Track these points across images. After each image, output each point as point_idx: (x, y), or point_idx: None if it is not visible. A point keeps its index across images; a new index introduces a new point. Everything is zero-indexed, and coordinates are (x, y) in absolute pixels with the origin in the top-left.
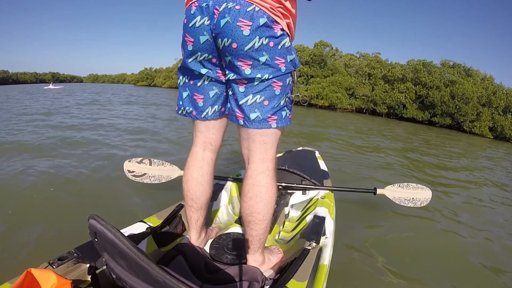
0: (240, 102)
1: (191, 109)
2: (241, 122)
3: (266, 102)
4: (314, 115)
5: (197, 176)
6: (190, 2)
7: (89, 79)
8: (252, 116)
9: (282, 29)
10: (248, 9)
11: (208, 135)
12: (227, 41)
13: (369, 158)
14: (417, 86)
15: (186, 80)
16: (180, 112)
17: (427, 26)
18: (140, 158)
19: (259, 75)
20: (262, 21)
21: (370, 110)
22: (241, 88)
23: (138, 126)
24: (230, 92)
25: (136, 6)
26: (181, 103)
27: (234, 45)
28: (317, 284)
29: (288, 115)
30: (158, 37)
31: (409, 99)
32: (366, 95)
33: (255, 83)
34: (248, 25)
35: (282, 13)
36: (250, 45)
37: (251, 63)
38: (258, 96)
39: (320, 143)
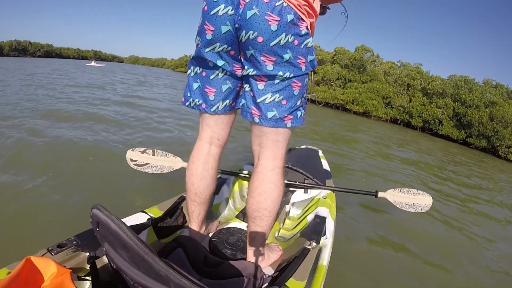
0: (258, 100)
1: (200, 101)
2: (257, 119)
3: (284, 102)
4: (347, 119)
5: (202, 171)
6: None
7: (130, 60)
8: (269, 114)
9: (307, 28)
10: (276, 4)
11: (216, 129)
12: (252, 34)
13: (393, 167)
14: (456, 103)
15: (198, 71)
16: (187, 104)
17: (473, 42)
18: (143, 148)
19: (280, 73)
20: (289, 17)
21: (405, 121)
22: (260, 86)
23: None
24: (247, 89)
25: None
26: (189, 94)
27: (260, 39)
28: (315, 284)
29: (302, 115)
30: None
31: (446, 116)
32: (403, 106)
33: (276, 81)
34: (276, 20)
35: (307, 12)
36: (276, 41)
37: (274, 59)
38: (277, 95)
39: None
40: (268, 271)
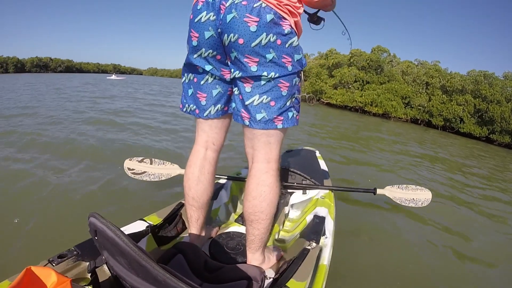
0: (247, 103)
1: (194, 107)
2: (247, 122)
3: (272, 103)
4: (366, 121)
5: (198, 175)
6: None
7: (149, 72)
8: (258, 116)
9: (290, 26)
10: (255, 5)
11: (210, 134)
12: (233, 36)
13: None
14: (477, 99)
15: (191, 78)
16: (184, 109)
17: (492, 35)
18: (141, 158)
19: (265, 73)
20: (269, 17)
21: (426, 121)
22: (248, 88)
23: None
24: (236, 92)
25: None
26: (185, 100)
27: (241, 41)
28: (316, 284)
29: (295, 116)
30: None
31: (467, 113)
32: (422, 105)
33: (262, 82)
34: (255, 21)
35: (290, 11)
36: (257, 41)
37: (257, 60)
38: (265, 96)
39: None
40: (269, 273)
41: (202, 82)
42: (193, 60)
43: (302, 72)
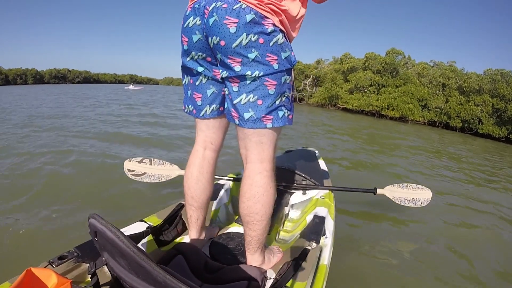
0: (234, 102)
1: (192, 107)
2: (237, 121)
3: (259, 102)
4: (383, 125)
5: (197, 174)
6: (187, 5)
7: (165, 81)
8: (246, 115)
9: (274, 25)
10: (234, 7)
11: (208, 134)
12: (216, 39)
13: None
14: (495, 99)
15: (188, 80)
16: (185, 110)
17: (507, 33)
18: (140, 158)
19: (249, 72)
20: (249, 17)
21: (444, 123)
22: (235, 87)
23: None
24: (226, 92)
25: None
26: (185, 101)
27: (222, 43)
28: (317, 284)
29: (286, 115)
30: None
31: (486, 113)
32: (440, 107)
33: (247, 81)
34: (234, 22)
35: (272, 10)
36: (237, 42)
37: (240, 60)
38: (251, 95)
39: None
40: (269, 273)
41: (197, 83)
42: (186, 63)
43: (292, 69)
